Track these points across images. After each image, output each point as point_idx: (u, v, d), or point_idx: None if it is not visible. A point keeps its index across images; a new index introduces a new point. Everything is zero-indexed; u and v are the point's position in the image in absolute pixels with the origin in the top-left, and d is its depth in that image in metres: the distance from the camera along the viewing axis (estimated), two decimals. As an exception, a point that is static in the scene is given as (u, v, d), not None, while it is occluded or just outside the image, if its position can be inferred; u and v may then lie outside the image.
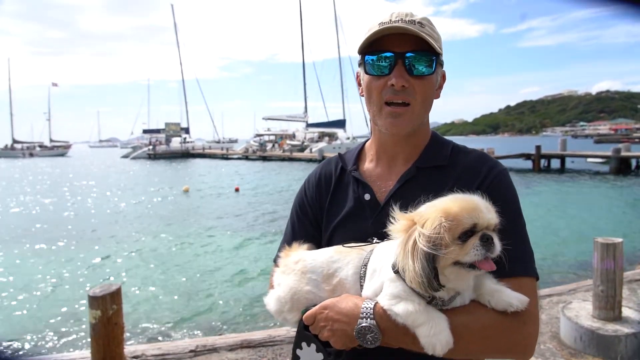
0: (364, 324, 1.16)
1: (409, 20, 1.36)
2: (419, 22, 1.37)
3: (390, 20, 1.37)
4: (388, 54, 1.38)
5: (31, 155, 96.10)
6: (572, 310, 5.11)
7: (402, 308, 1.12)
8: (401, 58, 1.37)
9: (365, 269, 1.26)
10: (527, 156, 36.93)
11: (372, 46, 1.41)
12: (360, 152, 1.63)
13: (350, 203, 1.50)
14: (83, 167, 59.88)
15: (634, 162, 33.64)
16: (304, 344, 1.26)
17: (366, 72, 1.44)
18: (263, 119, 75.15)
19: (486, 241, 1.08)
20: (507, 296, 1.14)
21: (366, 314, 1.16)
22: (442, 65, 1.47)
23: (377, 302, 1.17)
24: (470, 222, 1.08)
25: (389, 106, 1.40)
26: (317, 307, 1.25)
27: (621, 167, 32.34)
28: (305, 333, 1.26)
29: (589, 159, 39.05)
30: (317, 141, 64.88)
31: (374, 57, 1.41)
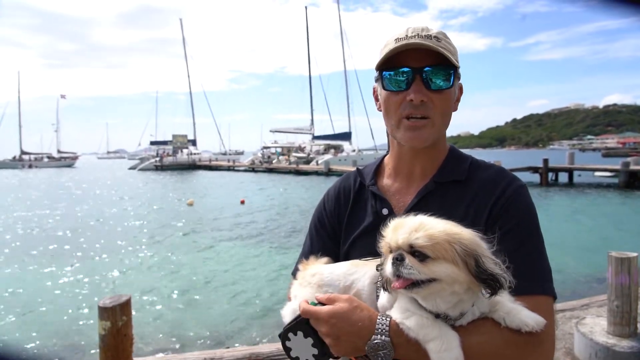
0: (377, 341, 1.13)
1: (425, 35, 1.36)
2: (435, 37, 1.37)
3: (407, 35, 1.38)
4: (406, 69, 1.38)
5: (30, 167, 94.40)
6: (586, 326, 5.02)
7: (414, 321, 1.11)
8: (419, 73, 1.37)
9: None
10: (534, 169, 36.51)
11: (389, 62, 1.40)
12: (378, 166, 1.63)
13: (369, 218, 1.50)
14: (88, 178, 60.28)
15: (644, 176, 33.22)
16: (300, 333, 1.22)
17: (384, 88, 1.44)
18: (270, 131, 75.76)
19: (394, 260, 1.09)
20: (523, 315, 1.12)
21: (381, 330, 1.14)
22: (459, 78, 1.46)
23: (392, 318, 1.16)
24: (386, 242, 1.16)
25: (408, 120, 1.40)
26: (323, 312, 1.19)
27: (631, 180, 31.90)
28: (305, 325, 1.22)
29: (597, 173, 38.63)
30: (323, 153, 65.14)
31: (392, 73, 1.40)
